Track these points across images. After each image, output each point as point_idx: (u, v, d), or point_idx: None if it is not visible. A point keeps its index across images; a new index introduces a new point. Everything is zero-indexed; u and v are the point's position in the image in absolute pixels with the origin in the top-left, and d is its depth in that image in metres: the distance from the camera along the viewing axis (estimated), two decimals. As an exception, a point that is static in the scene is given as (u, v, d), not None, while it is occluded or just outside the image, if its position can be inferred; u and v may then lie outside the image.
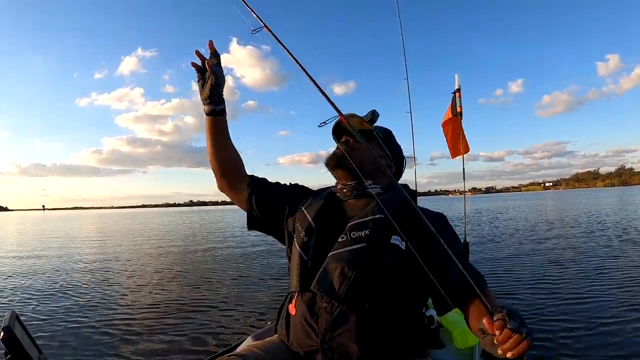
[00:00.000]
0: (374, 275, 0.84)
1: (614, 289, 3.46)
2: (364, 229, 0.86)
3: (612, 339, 2.34)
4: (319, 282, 0.85)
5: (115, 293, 4.08)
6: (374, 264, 0.84)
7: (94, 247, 9.24)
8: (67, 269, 5.81)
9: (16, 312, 0.88)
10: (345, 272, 0.82)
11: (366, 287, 0.83)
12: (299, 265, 0.91)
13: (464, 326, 1.38)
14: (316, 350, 0.85)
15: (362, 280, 0.83)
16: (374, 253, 0.84)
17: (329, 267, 0.85)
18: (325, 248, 0.89)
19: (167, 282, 4.62)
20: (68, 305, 3.60)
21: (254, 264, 5.87)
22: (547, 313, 2.89)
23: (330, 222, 0.94)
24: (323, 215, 0.95)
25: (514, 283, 3.90)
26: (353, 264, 0.83)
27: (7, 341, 0.78)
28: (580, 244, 6.42)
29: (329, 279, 0.84)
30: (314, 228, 0.93)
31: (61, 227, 19.71)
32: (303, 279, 0.89)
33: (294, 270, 0.93)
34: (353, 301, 0.83)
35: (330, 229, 0.92)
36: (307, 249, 0.91)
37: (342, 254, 0.85)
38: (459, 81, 3.04)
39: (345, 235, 0.87)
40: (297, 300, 0.91)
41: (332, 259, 0.85)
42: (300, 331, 0.87)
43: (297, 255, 0.92)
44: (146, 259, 6.73)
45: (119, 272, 5.36)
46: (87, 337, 2.71)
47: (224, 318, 3.08)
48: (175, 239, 10.51)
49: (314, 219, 0.94)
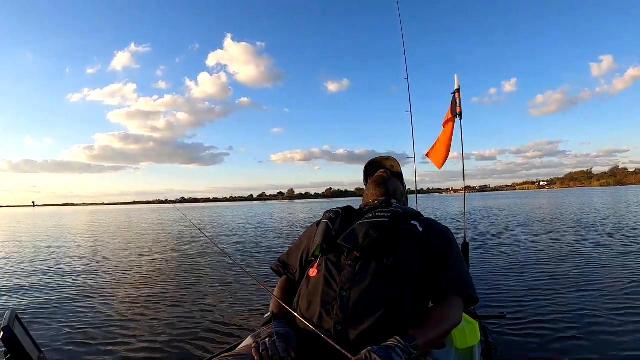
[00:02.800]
0: (394, 239, 1.00)
1: (616, 288, 3.48)
2: (387, 213, 1.06)
3: (610, 339, 2.36)
4: (345, 237, 1.01)
5: (115, 292, 4.07)
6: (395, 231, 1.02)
7: (91, 244, 9.19)
8: (66, 267, 5.78)
9: (16, 311, 0.88)
10: (370, 232, 0.99)
11: (386, 247, 0.98)
12: (324, 232, 1.07)
13: (464, 326, 1.38)
14: (333, 300, 0.91)
15: (384, 241, 0.99)
16: (395, 228, 1.03)
17: (356, 228, 1.02)
18: (348, 227, 1.06)
19: (167, 281, 4.61)
20: (68, 304, 3.58)
21: (254, 262, 5.87)
22: (548, 312, 2.91)
23: (353, 216, 1.15)
24: (347, 210, 1.21)
25: (515, 283, 3.92)
26: (377, 228, 1.00)
27: (7, 341, 0.78)
28: (585, 241, 6.46)
29: (354, 235, 1.00)
30: (340, 212, 1.17)
31: (52, 224, 19.62)
32: (328, 243, 1.04)
33: (318, 238, 1.08)
34: (374, 256, 0.96)
35: (353, 219, 1.11)
36: (333, 223, 1.10)
37: (368, 222, 1.03)
38: (458, 81, 3.03)
39: (371, 213, 1.07)
40: (319, 263, 1.03)
41: (359, 224, 1.04)
42: (321, 285, 0.95)
43: (323, 226, 1.10)
44: (144, 257, 6.70)
45: (118, 271, 5.34)
46: (87, 336, 2.70)
47: (223, 317, 3.08)
48: (172, 237, 10.47)
49: (336, 211, 1.17)
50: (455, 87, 3.00)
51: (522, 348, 2.30)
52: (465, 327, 1.38)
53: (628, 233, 7.47)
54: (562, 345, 2.32)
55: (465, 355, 1.39)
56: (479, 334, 1.41)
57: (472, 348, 1.41)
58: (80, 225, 17.09)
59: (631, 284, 3.64)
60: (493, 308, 3.09)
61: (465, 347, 1.38)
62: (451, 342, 1.39)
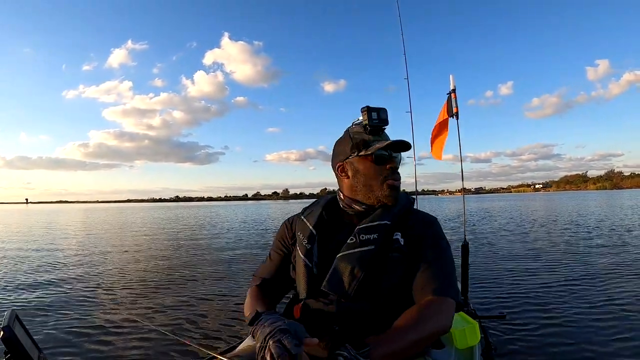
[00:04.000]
0: (382, 274, 0.86)
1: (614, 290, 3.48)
2: (373, 233, 0.88)
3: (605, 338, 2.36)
4: (329, 281, 0.87)
5: (115, 291, 4.06)
6: (381, 264, 0.87)
7: (87, 243, 9.18)
8: (65, 267, 5.77)
9: (16, 311, 0.88)
10: (355, 272, 0.85)
11: (374, 286, 0.86)
12: (304, 273, 0.92)
13: (464, 326, 1.38)
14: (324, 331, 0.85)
15: (371, 280, 0.86)
16: (381, 255, 0.87)
17: (339, 267, 0.87)
18: (329, 255, 0.91)
19: (166, 281, 4.60)
20: (68, 303, 3.57)
21: (254, 261, 5.87)
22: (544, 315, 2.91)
23: (331, 228, 0.97)
24: (323, 222, 0.98)
25: (515, 283, 3.92)
26: (362, 265, 0.85)
27: (7, 340, 0.77)
28: (584, 243, 6.46)
29: (338, 279, 0.86)
30: (315, 235, 0.95)
31: (46, 221, 19.59)
32: (310, 286, 0.91)
33: (300, 279, 0.94)
34: (362, 299, 0.86)
35: (331, 234, 0.95)
36: (311, 256, 0.93)
37: (351, 255, 0.87)
38: (454, 82, 3.04)
39: (354, 237, 0.89)
40: (304, 304, 0.92)
41: (341, 259, 0.88)
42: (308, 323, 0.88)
43: (301, 264, 0.93)
44: (143, 256, 6.69)
45: (117, 270, 5.33)
46: (87, 336, 2.69)
47: (223, 318, 3.07)
48: (170, 236, 10.46)
49: (314, 226, 0.96)
50: (451, 87, 3.00)
51: (522, 348, 2.30)
52: (465, 327, 1.38)
53: (624, 234, 7.48)
54: (562, 345, 2.32)
55: (465, 355, 1.39)
56: (479, 334, 1.41)
57: (472, 348, 1.41)
58: (74, 225, 17.07)
59: (631, 284, 3.64)
60: (493, 308, 3.10)
61: (465, 347, 1.38)
62: (451, 342, 1.39)
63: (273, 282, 1.02)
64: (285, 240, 1.04)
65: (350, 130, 0.98)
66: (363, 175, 0.94)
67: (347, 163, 0.97)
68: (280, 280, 1.02)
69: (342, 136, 1.00)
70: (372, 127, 0.93)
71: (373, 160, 0.92)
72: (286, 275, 1.01)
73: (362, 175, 0.94)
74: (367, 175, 0.93)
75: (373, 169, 0.93)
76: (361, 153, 0.93)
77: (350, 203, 0.96)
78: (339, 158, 0.99)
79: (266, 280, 1.03)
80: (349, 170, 0.96)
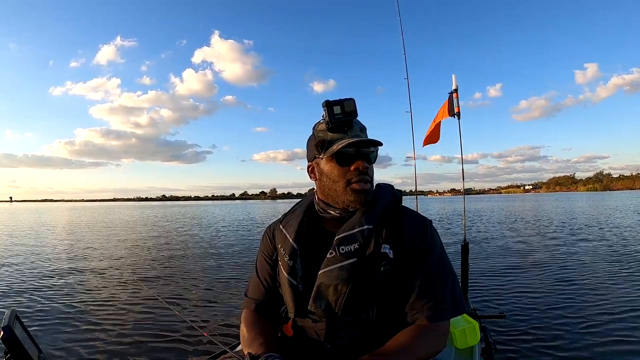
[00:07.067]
0: (368, 287, 0.81)
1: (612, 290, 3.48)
2: (353, 243, 0.81)
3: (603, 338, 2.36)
4: (315, 301, 0.83)
5: (114, 291, 4.06)
6: (367, 276, 0.81)
7: (80, 244, 9.17)
8: (64, 267, 5.76)
9: (16, 311, 0.87)
10: (339, 288, 0.80)
11: (362, 299, 0.81)
12: (290, 292, 0.87)
13: (464, 326, 1.38)
14: (317, 350, 0.84)
15: (358, 294, 0.81)
16: (366, 266, 0.81)
17: (322, 286, 0.82)
18: (313, 267, 0.86)
19: (166, 280, 4.60)
20: (68, 303, 3.57)
21: (253, 260, 5.86)
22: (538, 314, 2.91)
23: (312, 238, 0.90)
24: (303, 233, 0.91)
25: (515, 283, 3.92)
26: (346, 280, 0.79)
27: (7, 340, 0.77)
28: (583, 243, 6.46)
29: (324, 297, 0.82)
30: (296, 249, 0.88)
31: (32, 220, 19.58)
32: (298, 305, 0.87)
33: (287, 297, 0.89)
34: (351, 314, 0.82)
35: (313, 246, 0.89)
36: (295, 273, 0.87)
37: (333, 271, 0.80)
38: (456, 82, 3.05)
39: (333, 250, 0.82)
40: (294, 322, 0.90)
41: (323, 276, 0.82)
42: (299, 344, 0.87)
43: (286, 282, 0.88)
44: (141, 255, 6.68)
45: (116, 270, 5.33)
46: (86, 336, 2.69)
47: (223, 317, 3.07)
48: (168, 235, 10.45)
49: (294, 240, 0.89)
50: (453, 87, 3.01)
51: (522, 348, 2.31)
52: (465, 327, 1.38)
53: (622, 235, 7.48)
54: (561, 344, 2.32)
55: (465, 355, 1.39)
56: (479, 334, 1.42)
57: (472, 348, 1.41)
58: (62, 224, 17.06)
59: (630, 284, 3.64)
60: (493, 308, 3.10)
61: (465, 347, 1.38)
62: (451, 342, 1.39)
63: (267, 303, 0.96)
64: (268, 255, 0.98)
65: (314, 128, 0.89)
66: (327, 178, 0.86)
67: (315, 164, 0.89)
68: (274, 299, 0.96)
69: (311, 134, 0.91)
70: (334, 124, 0.83)
71: (336, 160, 0.84)
72: (278, 292, 0.96)
73: (327, 178, 0.86)
74: (331, 177, 0.85)
75: (337, 171, 0.84)
76: (322, 155, 0.85)
77: (325, 207, 0.89)
78: (309, 158, 0.92)
79: (260, 302, 0.96)
80: (317, 171, 0.89)
